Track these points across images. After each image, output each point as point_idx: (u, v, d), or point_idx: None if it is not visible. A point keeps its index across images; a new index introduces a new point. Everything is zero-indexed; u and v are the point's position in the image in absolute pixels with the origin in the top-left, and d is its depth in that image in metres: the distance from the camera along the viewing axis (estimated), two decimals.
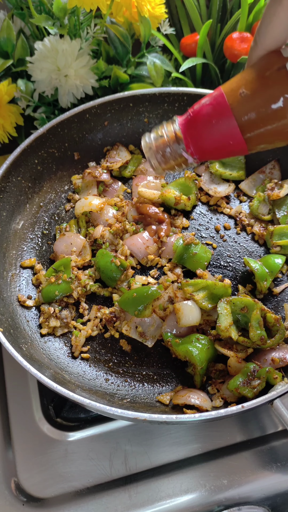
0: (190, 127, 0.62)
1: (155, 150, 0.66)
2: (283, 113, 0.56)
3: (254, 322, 0.74)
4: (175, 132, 0.63)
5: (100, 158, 1.03)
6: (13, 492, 0.77)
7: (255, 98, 0.58)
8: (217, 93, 0.60)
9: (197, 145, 0.63)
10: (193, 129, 0.62)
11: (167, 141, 0.64)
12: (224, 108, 0.59)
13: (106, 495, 0.75)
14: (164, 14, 1.01)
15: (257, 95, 0.57)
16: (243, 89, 0.58)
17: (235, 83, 0.60)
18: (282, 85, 0.56)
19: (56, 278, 0.84)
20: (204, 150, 0.64)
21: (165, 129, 0.65)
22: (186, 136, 0.63)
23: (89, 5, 0.88)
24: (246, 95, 0.58)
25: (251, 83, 0.58)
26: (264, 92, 0.57)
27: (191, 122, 0.62)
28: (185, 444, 0.79)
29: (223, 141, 0.61)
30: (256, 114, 0.58)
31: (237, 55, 0.99)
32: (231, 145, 0.61)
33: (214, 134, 0.61)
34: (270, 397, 0.67)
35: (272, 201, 0.92)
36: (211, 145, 0.62)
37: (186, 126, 0.63)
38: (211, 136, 0.61)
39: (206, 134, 0.61)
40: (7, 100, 0.99)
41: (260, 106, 0.57)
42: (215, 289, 0.80)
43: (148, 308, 0.80)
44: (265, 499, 0.75)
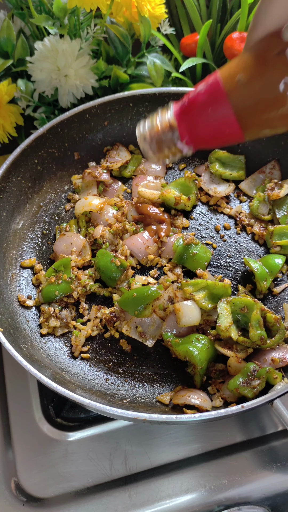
0: (185, 116, 0.61)
1: (149, 139, 0.64)
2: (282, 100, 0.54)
3: (254, 322, 0.74)
4: (169, 121, 0.61)
5: (100, 158, 1.03)
6: (13, 492, 0.77)
7: (253, 85, 0.55)
8: (213, 79, 0.58)
9: (192, 134, 0.61)
10: (188, 118, 0.60)
11: (161, 130, 0.62)
12: (220, 95, 0.57)
13: (106, 495, 0.75)
14: (164, 14, 1.01)
15: (255, 82, 0.55)
16: (240, 75, 0.56)
17: (232, 69, 0.57)
18: (282, 71, 0.53)
19: (56, 278, 0.84)
20: (200, 139, 0.62)
21: (160, 118, 0.63)
22: (181, 125, 0.61)
23: (89, 5, 0.88)
24: (243, 81, 0.55)
25: (249, 68, 0.55)
26: (263, 78, 0.55)
27: (186, 111, 0.60)
28: (185, 444, 0.79)
29: (219, 129, 0.59)
30: (253, 101, 0.56)
31: (237, 55, 0.99)
32: (228, 133, 0.59)
33: (210, 122, 0.59)
34: (270, 397, 0.67)
35: (272, 201, 0.92)
36: (206, 134, 0.61)
37: (181, 114, 0.61)
38: (206, 124, 0.59)
39: (202, 122, 0.60)
40: (7, 100, 0.99)
41: (258, 93, 0.55)
42: (215, 289, 0.80)
43: (148, 308, 0.80)
44: (265, 499, 0.75)
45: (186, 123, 0.61)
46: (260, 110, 0.56)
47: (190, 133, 0.61)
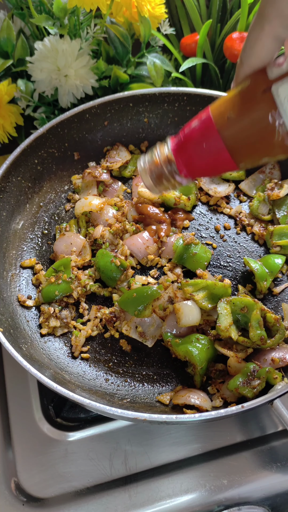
0: (181, 151, 0.64)
1: (149, 172, 0.67)
2: (270, 135, 0.56)
3: (254, 322, 0.74)
4: (167, 155, 0.65)
5: (100, 158, 1.03)
6: (13, 492, 0.77)
7: (242, 121, 0.57)
8: (205, 116, 0.61)
9: (189, 167, 0.65)
10: (184, 153, 0.64)
11: (160, 164, 0.66)
12: (212, 132, 0.60)
13: (106, 495, 0.75)
14: (164, 14, 1.01)
15: (244, 118, 0.57)
16: (230, 113, 0.58)
17: (222, 106, 0.60)
18: (268, 108, 0.55)
19: (56, 278, 0.84)
20: (196, 171, 0.65)
21: (158, 152, 0.66)
22: (178, 159, 0.64)
23: (89, 5, 0.88)
24: (233, 118, 0.58)
25: (238, 106, 0.58)
26: (251, 115, 0.57)
27: (182, 146, 0.64)
28: (185, 444, 0.79)
29: (214, 163, 0.62)
30: (244, 136, 0.58)
31: (237, 55, 0.99)
32: (222, 166, 0.63)
33: (205, 157, 0.62)
34: (270, 397, 0.67)
35: (272, 201, 0.92)
36: (202, 167, 0.64)
37: (177, 150, 0.64)
38: (201, 159, 0.63)
39: (197, 157, 0.63)
40: (7, 100, 0.99)
41: (248, 128, 0.57)
42: (215, 289, 0.80)
43: (148, 308, 0.80)
44: (265, 499, 0.75)
45: (183, 158, 0.64)
46: (251, 143, 0.59)
47: (187, 166, 0.64)
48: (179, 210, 0.94)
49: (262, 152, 0.59)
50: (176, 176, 0.66)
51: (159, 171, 0.66)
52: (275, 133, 0.56)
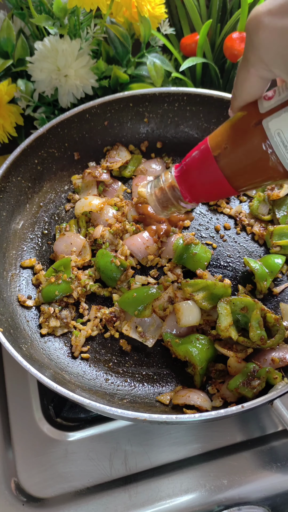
0: (183, 178, 0.69)
1: (156, 197, 0.73)
2: (264, 164, 0.59)
3: (254, 322, 0.74)
4: (171, 182, 0.70)
5: (100, 158, 1.03)
6: (13, 492, 0.77)
7: (236, 152, 0.61)
8: (204, 146, 0.65)
9: (191, 193, 0.70)
10: (186, 180, 0.69)
11: (165, 189, 0.71)
12: (210, 162, 0.64)
13: (106, 495, 0.75)
14: (164, 14, 1.01)
15: (238, 149, 0.61)
16: (225, 144, 0.62)
17: (219, 137, 0.64)
18: (260, 139, 0.58)
19: (56, 278, 0.84)
20: (199, 197, 0.70)
21: (163, 179, 0.72)
22: (181, 186, 0.69)
23: (89, 5, 0.88)
24: (228, 149, 0.62)
25: (232, 137, 0.62)
26: (244, 146, 0.60)
27: (184, 174, 0.69)
28: (185, 444, 0.79)
29: (214, 189, 0.67)
30: (239, 166, 0.62)
31: (237, 55, 0.99)
32: (222, 192, 0.67)
33: (205, 184, 0.67)
34: (270, 397, 0.67)
35: (272, 201, 0.92)
36: (204, 193, 0.69)
37: (180, 177, 0.69)
38: (202, 186, 0.68)
39: (198, 184, 0.68)
40: (7, 100, 0.99)
41: (242, 159, 0.61)
42: (215, 289, 0.80)
43: (148, 308, 0.80)
44: (265, 499, 0.75)
45: (185, 185, 0.69)
46: (247, 172, 0.62)
47: (190, 193, 0.70)
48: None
49: (258, 179, 0.63)
50: (180, 201, 0.71)
51: (165, 197, 0.72)
52: (269, 162, 0.59)
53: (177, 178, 0.70)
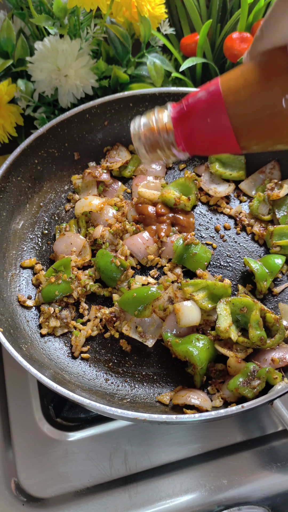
0: (182, 121, 0.59)
1: (144, 137, 0.62)
2: (283, 118, 0.53)
3: (254, 322, 0.74)
4: (166, 124, 0.59)
5: (100, 158, 1.03)
6: (13, 492, 0.77)
7: (254, 101, 0.53)
8: (214, 88, 0.56)
9: (188, 141, 0.60)
10: (185, 124, 0.59)
11: (156, 131, 0.60)
12: (219, 107, 0.55)
13: (106, 495, 0.75)
14: (164, 14, 1.01)
15: (256, 98, 0.53)
16: (241, 89, 0.54)
17: (234, 81, 0.55)
18: (284, 90, 0.51)
19: (56, 278, 0.84)
20: (195, 146, 0.60)
21: (156, 117, 0.61)
22: (177, 130, 0.59)
23: (89, 5, 0.88)
24: (244, 96, 0.54)
25: (251, 83, 0.53)
26: (265, 95, 0.53)
27: (184, 117, 0.58)
28: (185, 444, 0.79)
29: (216, 141, 0.58)
30: (253, 117, 0.54)
31: (237, 55, 0.99)
32: (224, 145, 0.58)
33: (207, 132, 0.57)
34: (270, 397, 0.67)
35: (272, 201, 0.92)
36: (203, 143, 0.59)
37: (178, 119, 0.59)
38: (203, 134, 0.58)
39: (199, 131, 0.58)
40: (7, 100, 0.99)
41: (259, 110, 0.53)
42: (215, 289, 0.80)
43: (148, 308, 0.80)
44: (265, 499, 0.75)
45: (183, 130, 0.59)
46: (260, 126, 0.55)
47: (186, 140, 0.60)
48: (179, 210, 0.94)
49: (270, 137, 0.55)
50: (172, 148, 0.61)
51: (154, 138, 0.61)
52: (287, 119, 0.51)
53: (173, 120, 0.59)
